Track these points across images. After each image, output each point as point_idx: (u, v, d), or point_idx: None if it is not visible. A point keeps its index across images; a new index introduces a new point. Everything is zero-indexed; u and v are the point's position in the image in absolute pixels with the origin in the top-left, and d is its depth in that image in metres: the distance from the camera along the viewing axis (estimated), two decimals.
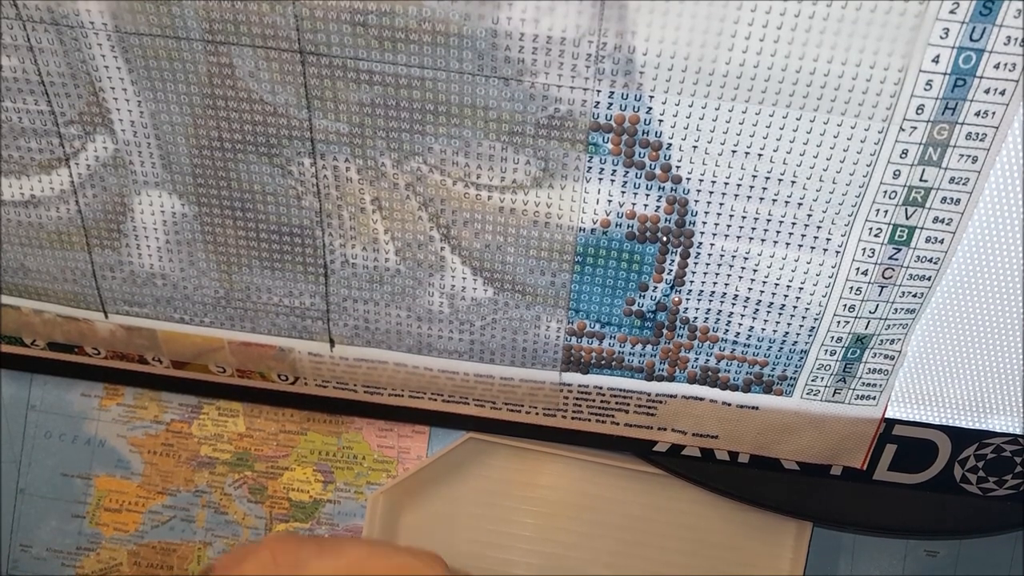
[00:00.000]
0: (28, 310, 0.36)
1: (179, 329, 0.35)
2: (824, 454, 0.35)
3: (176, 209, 0.32)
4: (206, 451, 0.40)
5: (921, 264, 0.29)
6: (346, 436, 0.39)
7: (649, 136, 0.28)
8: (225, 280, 0.34)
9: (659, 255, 0.31)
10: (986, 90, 0.26)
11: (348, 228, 0.32)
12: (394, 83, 0.28)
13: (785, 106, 0.27)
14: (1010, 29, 0.24)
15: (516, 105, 0.28)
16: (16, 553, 0.41)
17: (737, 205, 0.29)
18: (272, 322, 0.34)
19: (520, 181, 0.30)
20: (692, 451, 0.36)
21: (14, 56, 0.29)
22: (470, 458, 0.39)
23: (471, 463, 0.39)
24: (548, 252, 0.31)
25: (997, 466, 0.35)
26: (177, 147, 0.31)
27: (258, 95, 0.29)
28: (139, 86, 0.29)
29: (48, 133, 0.31)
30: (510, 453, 0.38)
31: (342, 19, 0.27)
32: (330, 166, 0.30)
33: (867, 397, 0.33)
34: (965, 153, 0.27)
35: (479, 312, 0.33)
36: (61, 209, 0.33)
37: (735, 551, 0.39)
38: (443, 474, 0.39)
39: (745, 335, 0.32)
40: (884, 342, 0.32)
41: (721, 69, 0.26)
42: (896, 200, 0.28)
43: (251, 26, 0.27)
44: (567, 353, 0.33)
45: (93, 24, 0.28)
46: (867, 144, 0.27)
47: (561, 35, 0.26)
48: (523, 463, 0.39)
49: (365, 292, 0.33)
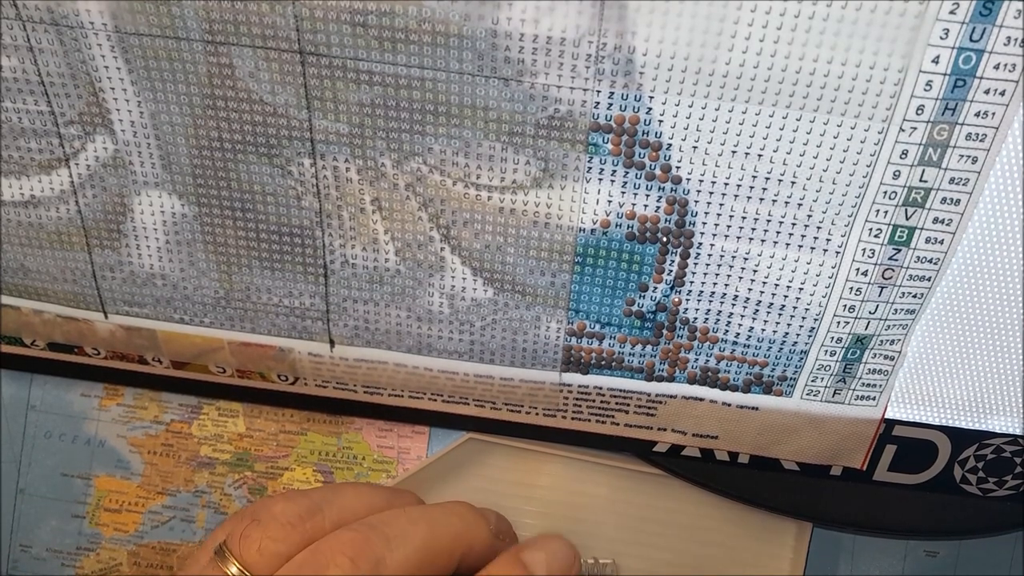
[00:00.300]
0: (28, 310, 0.36)
1: (179, 329, 0.35)
2: (824, 454, 0.35)
3: (176, 209, 0.32)
4: (206, 451, 0.40)
5: (921, 264, 0.29)
6: (346, 436, 0.39)
7: (649, 136, 0.28)
8: (225, 280, 0.34)
9: (659, 255, 0.31)
10: (986, 91, 0.26)
11: (348, 228, 0.32)
12: (394, 83, 0.28)
13: (785, 106, 0.27)
14: (1010, 29, 0.24)
15: (516, 105, 0.28)
16: (16, 553, 0.41)
17: (737, 205, 0.29)
18: (272, 322, 0.34)
19: (520, 181, 0.30)
20: (692, 451, 0.36)
21: (14, 56, 0.29)
22: (470, 458, 0.39)
23: (471, 463, 0.39)
24: (548, 252, 0.31)
25: (997, 466, 0.35)
26: (177, 147, 0.31)
27: (258, 95, 0.29)
28: (139, 86, 0.29)
29: (48, 133, 0.31)
30: (510, 453, 0.38)
31: (342, 19, 0.27)
32: (330, 166, 0.30)
33: (867, 397, 0.33)
34: (965, 153, 0.27)
35: (479, 312, 0.33)
36: (61, 209, 0.33)
37: (735, 551, 0.39)
38: (443, 474, 0.39)
39: (745, 335, 0.32)
40: (884, 342, 0.32)
41: (721, 69, 0.26)
42: (896, 200, 0.28)
43: (251, 26, 0.27)
44: (567, 353, 0.33)
45: (93, 24, 0.28)
46: (867, 144, 0.27)
47: (561, 35, 0.26)
48: (523, 463, 0.39)
49: (365, 292, 0.33)
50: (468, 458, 0.39)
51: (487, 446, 0.38)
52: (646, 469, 0.37)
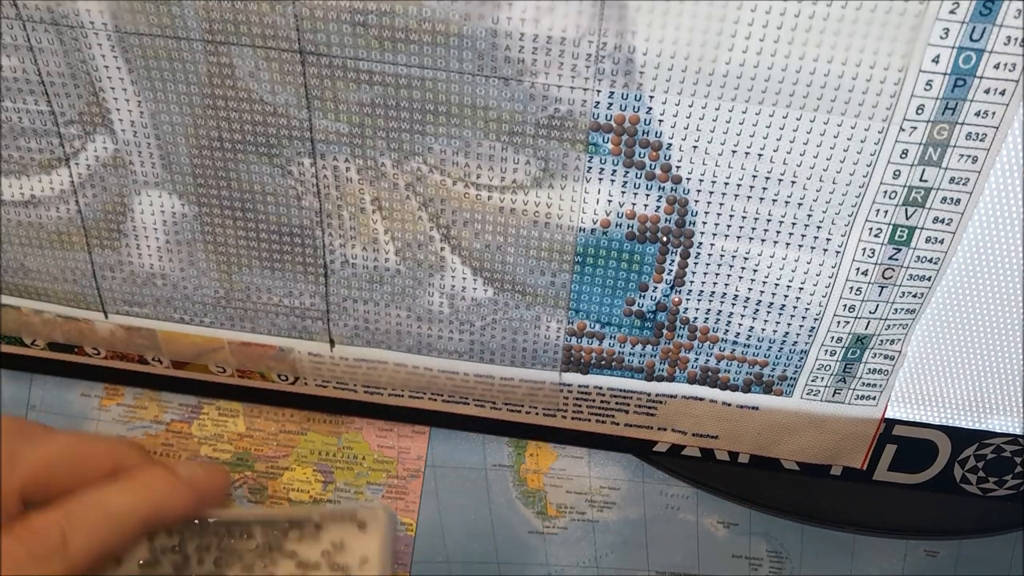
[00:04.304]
0: (28, 310, 0.36)
1: (179, 329, 0.35)
2: (824, 454, 0.35)
3: (176, 209, 0.32)
4: (206, 451, 0.40)
5: (921, 264, 0.30)
6: (346, 436, 0.39)
7: (649, 136, 0.28)
8: (225, 280, 0.34)
9: (659, 255, 0.31)
10: (986, 90, 0.26)
11: (348, 228, 0.32)
12: (394, 83, 0.28)
13: (785, 106, 0.27)
14: (1010, 29, 0.24)
15: (516, 105, 0.28)
16: None
17: (737, 205, 0.29)
18: (272, 322, 0.34)
19: (520, 181, 0.30)
20: (692, 451, 0.36)
21: (14, 56, 0.29)
22: None
23: None
24: (548, 252, 0.31)
25: (997, 466, 0.35)
26: (177, 147, 0.31)
27: (258, 95, 0.29)
28: (139, 86, 0.29)
29: (48, 133, 0.31)
30: None
31: (342, 19, 0.27)
32: (330, 166, 0.30)
33: (867, 397, 0.33)
34: (965, 153, 0.27)
35: (479, 312, 0.33)
36: (61, 209, 0.33)
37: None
38: None
39: (745, 335, 0.32)
40: (884, 342, 0.32)
41: (721, 69, 0.26)
42: (896, 200, 0.28)
43: (251, 26, 0.27)
44: (567, 353, 0.34)
45: (93, 24, 0.28)
46: (867, 144, 0.27)
47: (561, 35, 0.26)
48: None
49: (365, 292, 0.33)
50: None
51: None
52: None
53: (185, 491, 0.29)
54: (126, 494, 0.27)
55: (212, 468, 0.30)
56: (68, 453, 0.27)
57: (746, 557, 0.40)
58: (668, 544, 0.40)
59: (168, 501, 0.28)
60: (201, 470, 0.30)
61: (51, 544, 0.25)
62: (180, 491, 0.28)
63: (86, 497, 0.27)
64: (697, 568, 0.40)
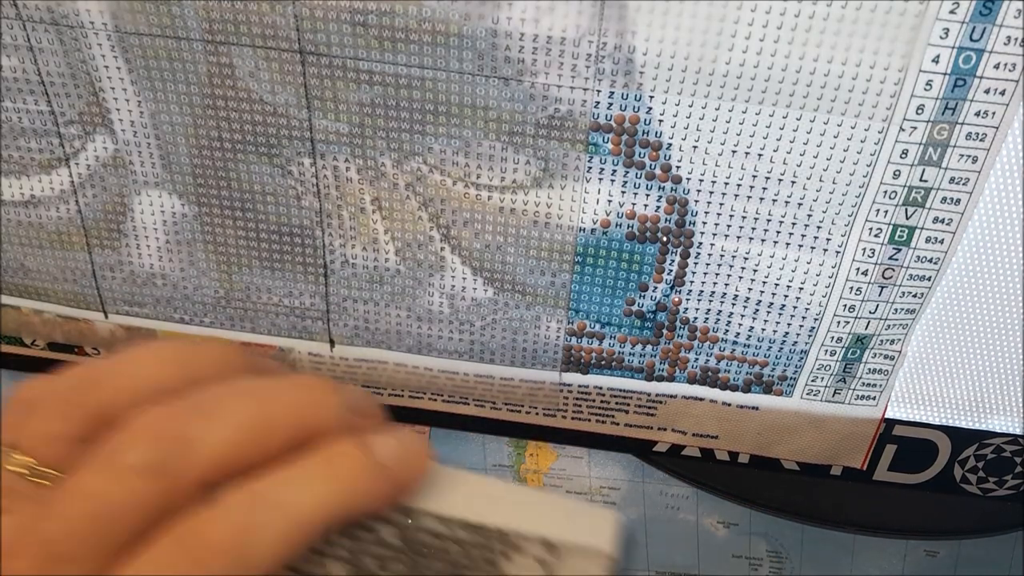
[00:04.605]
0: (28, 310, 0.36)
1: (179, 329, 0.35)
2: (824, 454, 0.35)
3: (176, 209, 0.32)
4: None
5: (921, 264, 0.30)
6: None
7: (649, 136, 0.28)
8: (225, 280, 0.34)
9: (659, 255, 0.31)
10: (986, 90, 0.26)
11: (348, 228, 0.32)
12: (394, 83, 0.28)
13: (785, 106, 0.27)
14: (1010, 29, 0.24)
15: (516, 105, 0.28)
16: None
17: (737, 205, 0.29)
18: (272, 322, 0.34)
19: (520, 181, 0.30)
20: (692, 451, 0.36)
21: (14, 56, 0.29)
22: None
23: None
24: (548, 252, 0.31)
25: (997, 466, 0.35)
26: (177, 147, 0.31)
27: (258, 95, 0.29)
28: (139, 86, 0.29)
29: (48, 133, 0.31)
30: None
31: (342, 19, 0.27)
32: (330, 166, 0.30)
33: (867, 397, 0.33)
34: (965, 153, 0.27)
35: (479, 312, 0.33)
36: (61, 209, 0.33)
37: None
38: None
39: (745, 335, 0.32)
40: (884, 342, 0.32)
41: (721, 69, 0.26)
42: (896, 200, 0.28)
43: (251, 26, 0.27)
44: (567, 353, 0.34)
45: (93, 24, 0.28)
46: (867, 144, 0.27)
47: (561, 35, 0.26)
48: None
49: (365, 292, 0.33)
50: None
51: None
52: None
53: (381, 481, 0.21)
54: (316, 484, 0.20)
55: (412, 442, 0.22)
56: (256, 427, 0.20)
57: (746, 557, 0.40)
58: (668, 544, 0.40)
59: (360, 498, 0.21)
60: (401, 447, 0.22)
61: (226, 560, 0.19)
62: (376, 481, 0.21)
63: (268, 494, 0.20)
64: (697, 568, 0.40)
